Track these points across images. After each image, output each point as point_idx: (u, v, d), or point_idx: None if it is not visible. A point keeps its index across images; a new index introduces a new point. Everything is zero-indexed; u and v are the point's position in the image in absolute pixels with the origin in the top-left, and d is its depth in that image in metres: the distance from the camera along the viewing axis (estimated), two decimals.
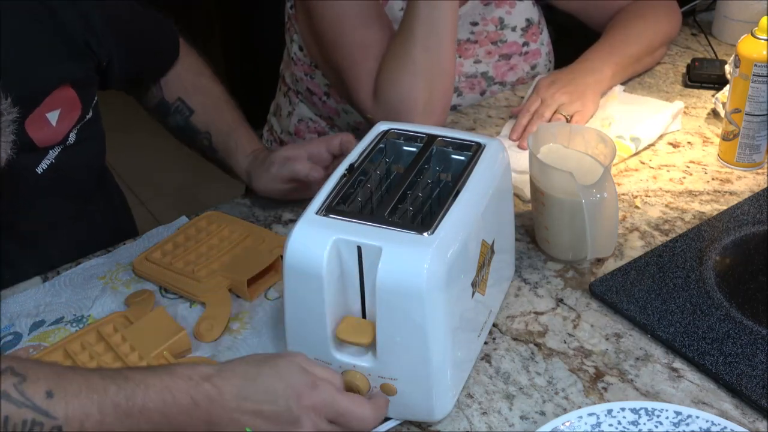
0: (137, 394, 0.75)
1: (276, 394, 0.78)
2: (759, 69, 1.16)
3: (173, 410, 0.76)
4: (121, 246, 1.15)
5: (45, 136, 1.04)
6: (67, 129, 1.07)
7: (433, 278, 0.80)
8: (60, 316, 1.03)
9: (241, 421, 0.78)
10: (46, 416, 0.72)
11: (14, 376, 0.73)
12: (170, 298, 1.06)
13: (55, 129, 1.05)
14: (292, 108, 1.51)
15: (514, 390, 0.91)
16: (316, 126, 1.49)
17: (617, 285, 1.03)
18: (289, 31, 1.46)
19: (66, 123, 1.06)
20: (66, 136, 1.07)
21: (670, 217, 1.15)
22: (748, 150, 1.22)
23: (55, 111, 1.04)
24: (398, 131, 0.97)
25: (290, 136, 1.52)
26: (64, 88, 1.04)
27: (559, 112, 1.30)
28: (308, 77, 1.44)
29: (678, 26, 1.52)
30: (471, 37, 1.41)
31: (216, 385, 0.78)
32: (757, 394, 0.88)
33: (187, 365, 0.80)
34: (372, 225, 0.83)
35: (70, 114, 1.07)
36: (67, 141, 1.07)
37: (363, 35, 1.28)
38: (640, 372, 0.93)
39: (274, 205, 1.21)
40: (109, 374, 0.77)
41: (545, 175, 1.03)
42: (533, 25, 1.46)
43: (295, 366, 0.80)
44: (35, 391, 0.73)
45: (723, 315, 0.98)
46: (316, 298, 0.83)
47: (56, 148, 1.07)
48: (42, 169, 1.06)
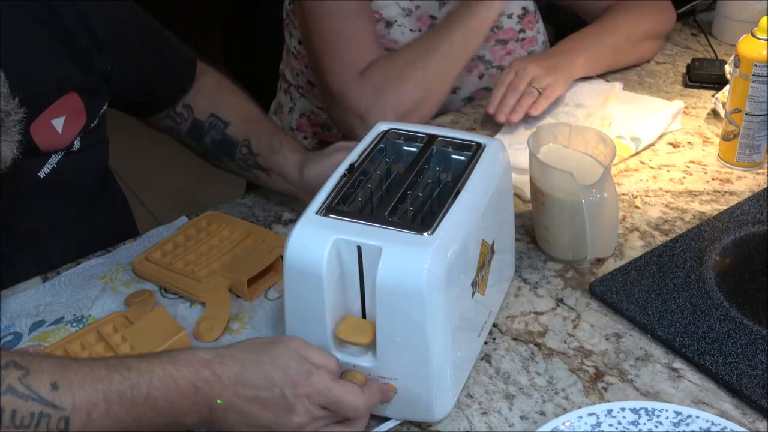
0: (142, 383, 0.77)
1: (273, 382, 0.80)
2: (759, 69, 1.16)
3: (177, 397, 0.78)
4: (121, 246, 1.15)
5: (50, 141, 1.04)
6: (72, 136, 1.07)
7: (433, 278, 0.80)
8: (60, 316, 1.04)
9: (238, 406, 0.79)
10: (53, 408, 0.73)
11: (18, 369, 0.73)
12: (170, 298, 1.06)
13: (60, 136, 1.05)
14: (293, 104, 1.52)
15: (514, 390, 0.91)
16: (318, 119, 1.50)
17: (617, 285, 1.03)
18: (288, 27, 1.47)
19: (71, 130, 1.06)
20: (71, 143, 1.07)
21: (670, 217, 1.15)
22: (748, 150, 1.22)
23: (61, 118, 1.04)
24: (398, 131, 0.97)
25: (292, 132, 1.53)
26: (70, 95, 1.04)
27: (532, 86, 1.32)
28: (308, 69, 1.45)
29: (669, 22, 1.53)
30: None
31: (215, 371, 0.79)
32: (757, 394, 0.88)
33: (187, 351, 0.81)
34: (372, 225, 0.83)
35: (76, 121, 1.06)
36: (72, 147, 1.07)
37: (345, 25, 1.29)
38: (640, 372, 0.93)
39: (274, 205, 1.21)
40: (113, 363, 0.78)
41: (545, 175, 1.03)
42: (529, 13, 1.47)
43: (292, 353, 0.82)
44: (40, 383, 0.73)
45: (723, 315, 0.98)
46: (316, 298, 0.83)
47: (60, 153, 1.07)
48: (44, 173, 1.06)
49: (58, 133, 1.04)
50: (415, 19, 1.38)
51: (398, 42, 1.38)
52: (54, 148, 1.06)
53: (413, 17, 1.38)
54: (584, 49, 1.40)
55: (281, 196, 1.21)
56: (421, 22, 1.38)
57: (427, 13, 1.39)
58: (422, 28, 1.38)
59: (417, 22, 1.38)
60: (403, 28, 1.38)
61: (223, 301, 1.02)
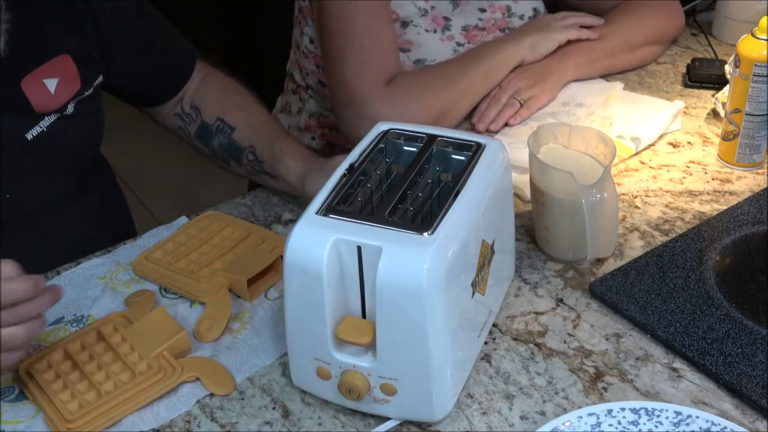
0: None
1: None
2: (759, 69, 1.16)
3: None
4: (121, 246, 1.15)
5: (42, 100, 1.06)
6: (65, 99, 1.09)
7: (433, 278, 0.80)
8: (60, 316, 1.04)
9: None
10: None
11: None
12: (170, 298, 1.06)
13: (53, 96, 1.07)
14: (302, 104, 1.52)
15: (514, 390, 0.92)
16: (327, 120, 1.50)
17: (617, 285, 1.03)
18: (300, 24, 1.47)
19: (64, 94, 1.08)
20: (64, 105, 1.09)
21: (670, 217, 1.15)
22: (748, 150, 1.23)
23: (54, 79, 1.06)
24: (398, 131, 0.97)
25: (300, 132, 1.53)
26: (63, 57, 1.07)
27: (514, 97, 1.34)
28: (320, 69, 1.45)
29: (677, 27, 1.52)
30: (479, 23, 1.43)
31: None
32: (757, 394, 0.88)
33: None
34: (372, 225, 0.83)
35: (69, 86, 1.08)
36: (65, 111, 1.09)
37: (371, 27, 1.30)
38: (640, 372, 0.93)
39: (274, 205, 1.21)
40: None
41: (545, 175, 1.03)
42: (539, 15, 1.47)
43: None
44: None
45: (723, 315, 0.98)
46: (316, 298, 0.83)
47: (52, 115, 1.08)
48: (32, 135, 1.07)
49: (51, 93, 1.06)
50: (430, 20, 1.39)
51: (413, 43, 1.38)
52: (47, 108, 1.07)
53: (429, 17, 1.39)
54: (579, 54, 1.41)
55: (281, 196, 1.21)
56: (436, 22, 1.39)
57: (441, 14, 1.39)
58: (437, 29, 1.39)
59: (432, 23, 1.39)
60: (419, 29, 1.38)
61: (223, 301, 1.02)
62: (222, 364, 0.95)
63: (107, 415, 0.89)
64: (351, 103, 1.30)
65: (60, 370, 0.94)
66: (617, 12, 1.47)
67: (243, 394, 0.93)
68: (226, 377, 0.94)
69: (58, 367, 0.94)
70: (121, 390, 0.91)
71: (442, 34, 1.40)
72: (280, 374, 0.95)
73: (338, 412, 0.90)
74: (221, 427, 0.89)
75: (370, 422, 0.89)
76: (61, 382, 0.92)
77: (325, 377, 0.87)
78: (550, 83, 1.37)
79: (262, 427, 0.89)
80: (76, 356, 0.95)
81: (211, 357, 0.97)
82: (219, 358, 0.97)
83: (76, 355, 0.95)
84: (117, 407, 0.90)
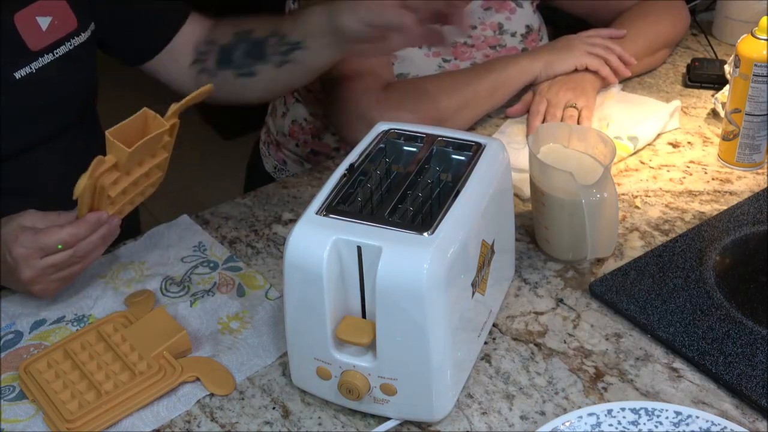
0: None
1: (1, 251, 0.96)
2: (759, 69, 1.16)
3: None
4: (122, 245, 1.15)
5: (35, 37, 1.07)
6: (59, 37, 1.09)
7: (433, 278, 0.80)
8: (61, 315, 1.04)
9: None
10: None
11: None
12: (170, 297, 1.06)
13: (44, 34, 1.08)
14: (287, 109, 1.51)
15: (514, 390, 0.92)
16: (310, 127, 1.49)
17: (617, 285, 1.03)
18: None
19: (58, 32, 1.09)
20: (57, 42, 1.09)
21: (670, 217, 1.15)
22: (748, 150, 1.23)
23: (47, 18, 1.08)
24: (398, 131, 0.97)
25: (284, 137, 1.52)
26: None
27: (568, 105, 1.30)
28: None
29: (684, 29, 1.51)
30: (468, 40, 1.41)
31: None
32: (757, 394, 0.88)
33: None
34: (372, 225, 0.83)
35: (63, 26, 1.09)
36: (56, 50, 1.09)
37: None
38: (640, 372, 0.93)
39: (274, 205, 1.21)
40: None
41: (545, 175, 1.03)
42: (533, 32, 1.46)
43: (12, 224, 0.96)
44: None
45: (723, 315, 0.98)
46: (316, 297, 0.83)
47: (45, 57, 1.08)
48: (20, 75, 1.07)
49: (43, 31, 1.08)
50: None
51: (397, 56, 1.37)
52: (38, 46, 1.07)
53: None
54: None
55: (281, 196, 1.21)
56: None
57: None
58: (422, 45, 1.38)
59: None
60: None
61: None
62: (222, 364, 0.96)
63: (107, 415, 0.89)
64: (346, 107, 1.30)
65: (60, 369, 0.94)
66: (632, 17, 1.45)
67: (243, 394, 0.93)
68: (226, 377, 0.94)
69: (58, 367, 0.94)
70: (121, 390, 0.91)
71: (428, 49, 1.38)
72: (280, 374, 0.95)
73: (338, 412, 0.90)
74: (221, 427, 0.90)
75: (370, 422, 0.89)
76: (61, 382, 0.92)
77: (325, 377, 0.87)
78: (591, 91, 1.34)
79: (262, 427, 0.89)
80: (76, 356, 0.95)
81: (211, 357, 0.97)
82: (219, 358, 0.97)
83: (76, 355, 0.95)
84: (117, 407, 0.90)
